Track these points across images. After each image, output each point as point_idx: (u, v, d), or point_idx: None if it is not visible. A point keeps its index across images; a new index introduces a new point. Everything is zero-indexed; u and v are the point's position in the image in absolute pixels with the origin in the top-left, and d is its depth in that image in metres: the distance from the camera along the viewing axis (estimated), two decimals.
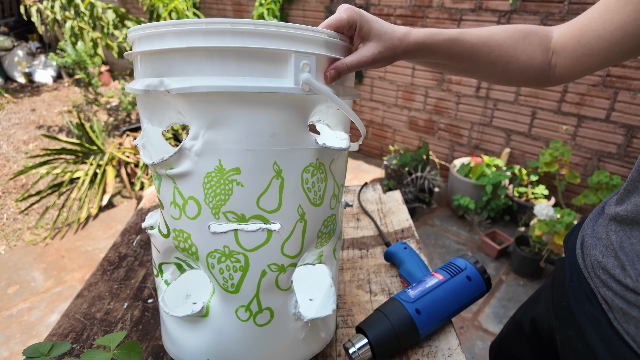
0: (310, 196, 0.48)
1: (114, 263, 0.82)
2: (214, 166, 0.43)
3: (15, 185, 2.77)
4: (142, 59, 0.45)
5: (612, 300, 0.44)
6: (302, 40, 0.42)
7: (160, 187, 0.48)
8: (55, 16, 2.44)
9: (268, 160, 0.44)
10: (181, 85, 0.40)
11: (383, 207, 1.00)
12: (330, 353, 0.62)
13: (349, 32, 0.47)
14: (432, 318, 0.58)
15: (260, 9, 2.84)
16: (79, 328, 0.67)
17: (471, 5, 2.20)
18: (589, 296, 0.48)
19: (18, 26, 5.24)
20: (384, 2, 2.53)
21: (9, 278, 1.99)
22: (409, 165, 2.41)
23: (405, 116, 2.76)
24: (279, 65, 0.41)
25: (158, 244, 0.53)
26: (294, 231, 0.48)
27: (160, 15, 2.50)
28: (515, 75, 0.54)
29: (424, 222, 2.38)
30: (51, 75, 4.87)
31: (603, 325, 0.45)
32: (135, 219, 0.97)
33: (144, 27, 0.43)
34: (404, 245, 0.75)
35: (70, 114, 3.87)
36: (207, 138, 0.43)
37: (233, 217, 0.45)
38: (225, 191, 0.44)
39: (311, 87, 0.42)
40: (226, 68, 0.40)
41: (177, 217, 0.47)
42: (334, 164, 0.51)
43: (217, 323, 0.49)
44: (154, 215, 0.57)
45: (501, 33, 0.53)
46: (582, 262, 0.51)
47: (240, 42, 0.39)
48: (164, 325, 0.55)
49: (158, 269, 0.55)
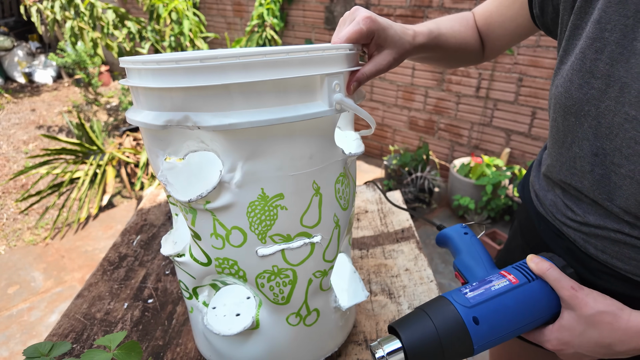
0: (342, 203, 0.51)
1: (114, 263, 0.82)
2: (257, 195, 0.43)
3: (15, 185, 2.77)
4: (152, 91, 0.41)
5: (574, 234, 0.53)
6: (331, 60, 0.42)
7: (196, 220, 0.47)
8: (55, 16, 2.44)
9: (308, 181, 0.45)
10: (217, 123, 0.38)
11: (383, 207, 1.00)
12: (331, 353, 0.62)
13: (366, 42, 0.48)
14: (494, 331, 0.43)
15: (260, 9, 2.84)
16: (79, 328, 0.67)
17: (471, 6, 2.20)
18: (557, 234, 0.55)
19: (18, 26, 5.24)
20: (383, 2, 2.53)
21: (9, 278, 1.99)
22: (409, 165, 2.41)
23: (405, 116, 2.76)
24: (313, 90, 0.42)
25: (193, 272, 0.52)
26: (332, 238, 0.51)
27: (160, 16, 2.50)
28: (466, 57, 0.64)
29: (423, 222, 2.38)
30: (51, 76, 4.87)
31: (575, 252, 0.53)
32: (135, 219, 0.97)
33: (160, 59, 0.38)
34: (465, 230, 0.58)
35: (70, 114, 3.87)
36: (247, 169, 0.42)
37: (279, 238, 0.46)
38: (271, 216, 0.45)
39: (342, 106, 0.43)
40: (262, 100, 0.39)
41: (221, 247, 0.47)
42: (351, 166, 0.54)
43: (269, 333, 0.52)
44: (170, 239, 0.55)
45: (455, 22, 0.62)
46: (543, 209, 0.58)
47: (275, 74, 0.38)
48: (208, 341, 0.56)
49: (192, 292, 0.55)
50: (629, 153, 0.42)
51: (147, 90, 0.41)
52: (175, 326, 0.67)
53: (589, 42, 0.43)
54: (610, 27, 0.41)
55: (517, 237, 0.70)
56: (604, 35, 0.42)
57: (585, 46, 0.44)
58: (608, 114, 0.43)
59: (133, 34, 2.62)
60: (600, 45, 0.42)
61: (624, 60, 0.40)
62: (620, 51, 0.41)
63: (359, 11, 0.47)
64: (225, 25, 3.57)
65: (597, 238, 0.49)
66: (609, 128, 0.43)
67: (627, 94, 0.40)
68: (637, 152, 0.41)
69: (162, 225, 0.94)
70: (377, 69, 0.48)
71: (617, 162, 0.43)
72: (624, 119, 0.41)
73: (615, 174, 0.44)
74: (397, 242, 0.87)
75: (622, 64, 0.41)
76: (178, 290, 0.75)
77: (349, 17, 0.48)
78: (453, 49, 0.60)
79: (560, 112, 0.48)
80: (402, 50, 0.50)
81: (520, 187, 0.69)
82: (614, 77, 0.42)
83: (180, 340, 0.65)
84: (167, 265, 0.81)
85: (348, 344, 0.63)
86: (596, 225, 0.48)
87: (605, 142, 0.44)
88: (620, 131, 0.42)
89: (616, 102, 0.41)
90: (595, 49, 0.43)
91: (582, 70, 0.44)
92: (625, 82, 0.40)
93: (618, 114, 0.42)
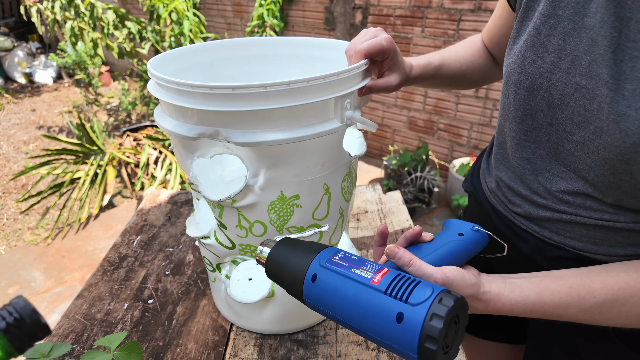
0: (346, 197, 0.59)
1: (114, 263, 0.83)
2: (277, 196, 0.51)
3: (15, 185, 2.77)
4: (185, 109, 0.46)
5: (527, 223, 0.56)
6: (345, 82, 0.47)
7: (223, 214, 0.55)
8: (55, 16, 2.44)
9: (320, 184, 0.53)
10: (245, 140, 0.44)
11: (383, 207, 1.00)
12: (331, 354, 0.62)
13: (381, 58, 0.53)
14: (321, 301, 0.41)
15: (260, 9, 2.84)
16: (79, 329, 0.67)
17: (470, 6, 2.20)
18: (510, 226, 0.59)
19: (18, 27, 5.24)
20: (383, 2, 2.53)
21: (9, 278, 1.99)
22: (409, 165, 2.41)
23: (405, 116, 2.76)
24: (327, 110, 0.47)
25: (217, 252, 0.60)
26: (337, 226, 0.59)
27: (161, 16, 2.50)
28: (478, 77, 0.70)
29: (423, 222, 2.38)
30: (51, 76, 4.87)
31: (530, 241, 0.56)
32: (135, 220, 0.97)
33: (195, 85, 0.42)
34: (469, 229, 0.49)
35: (70, 115, 3.87)
36: (269, 175, 0.49)
37: (294, 229, 0.55)
38: (288, 213, 0.53)
39: (352, 120, 0.48)
40: (283, 122, 0.45)
41: (244, 236, 0.55)
42: (354, 163, 0.61)
43: (282, 300, 0.61)
44: (194, 221, 0.63)
45: (461, 47, 0.68)
46: (495, 200, 0.62)
47: (295, 101, 0.43)
48: (230, 306, 0.66)
49: (215, 267, 0.64)
50: (579, 120, 0.45)
51: (179, 107, 0.46)
52: (175, 327, 0.67)
53: (543, 19, 0.47)
54: (563, 4, 0.45)
55: None
56: (557, 12, 0.45)
57: (540, 23, 0.47)
58: (559, 85, 0.46)
59: (133, 34, 2.62)
60: (554, 22, 0.46)
61: (575, 34, 0.44)
62: (572, 26, 0.44)
63: (382, 31, 0.53)
64: (226, 26, 3.57)
65: (550, 222, 0.52)
66: (560, 99, 0.46)
67: (578, 66, 0.44)
68: (586, 119, 0.44)
69: (162, 226, 0.94)
70: (386, 87, 0.55)
71: (569, 129, 0.46)
72: (575, 89, 0.44)
73: (568, 141, 0.47)
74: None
75: (574, 38, 0.44)
76: (178, 291, 0.75)
77: (372, 32, 0.53)
78: (460, 74, 0.67)
79: (512, 88, 0.52)
80: (405, 77, 0.58)
81: (469, 182, 0.71)
82: (565, 50, 0.45)
83: (180, 340, 0.65)
84: (167, 266, 0.81)
85: (348, 344, 0.64)
86: (546, 207, 0.52)
87: (557, 112, 0.47)
88: (571, 100, 0.45)
89: (567, 74, 0.45)
90: (549, 26, 0.46)
91: (535, 45, 0.48)
92: (576, 54, 0.44)
93: (569, 85, 0.45)
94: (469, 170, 0.72)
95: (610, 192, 0.45)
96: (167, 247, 0.87)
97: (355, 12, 2.68)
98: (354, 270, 0.40)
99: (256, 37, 0.68)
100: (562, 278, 0.44)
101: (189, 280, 0.78)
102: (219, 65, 0.67)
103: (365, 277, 0.39)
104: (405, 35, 2.51)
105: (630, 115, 0.39)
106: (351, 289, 0.39)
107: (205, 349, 0.63)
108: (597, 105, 0.42)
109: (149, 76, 0.49)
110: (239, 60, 0.69)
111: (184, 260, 0.83)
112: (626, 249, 0.47)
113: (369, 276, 0.39)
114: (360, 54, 0.50)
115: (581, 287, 0.43)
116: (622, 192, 0.44)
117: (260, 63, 0.69)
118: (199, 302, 0.73)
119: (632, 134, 0.39)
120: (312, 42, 0.67)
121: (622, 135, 0.40)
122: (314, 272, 0.41)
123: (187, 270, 0.80)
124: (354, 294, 0.38)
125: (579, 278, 0.44)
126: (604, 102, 0.41)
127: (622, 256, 0.48)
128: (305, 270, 0.42)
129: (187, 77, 0.63)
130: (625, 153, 0.41)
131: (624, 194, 0.44)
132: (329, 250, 0.43)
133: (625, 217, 0.46)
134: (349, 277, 0.39)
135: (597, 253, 0.49)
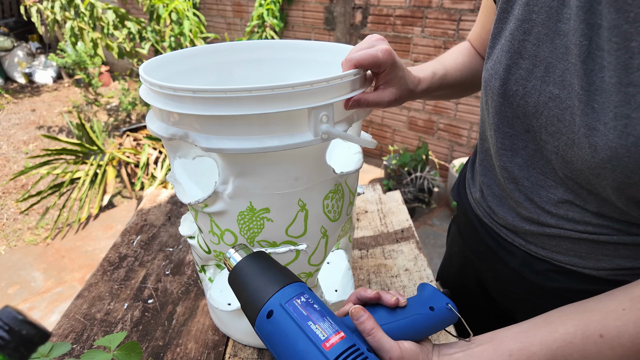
0: (330, 216, 0.54)
1: (114, 263, 0.83)
2: (246, 206, 0.49)
3: (15, 185, 2.77)
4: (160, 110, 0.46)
5: (513, 236, 0.55)
6: (320, 93, 0.42)
7: (197, 218, 0.54)
8: (55, 16, 2.44)
9: (293, 199, 0.49)
10: (208, 146, 0.42)
11: (383, 207, 1.00)
12: None
13: (376, 70, 0.48)
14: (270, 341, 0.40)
15: (260, 9, 2.84)
16: (79, 328, 0.67)
17: (470, 6, 2.20)
18: (496, 238, 0.58)
19: (18, 27, 5.24)
20: (383, 2, 2.53)
21: (9, 278, 1.99)
22: (409, 165, 2.41)
23: (405, 116, 2.76)
24: (299, 122, 0.43)
25: (199, 254, 0.59)
26: (318, 246, 0.55)
27: (161, 16, 2.50)
28: (478, 83, 0.64)
29: (423, 222, 2.38)
30: (51, 76, 4.87)
31: (516, 254, 0.55)
32: (135, 220, 0.97)
33: (162, 85, 0.42)
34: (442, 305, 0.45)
35: (70, 115, 3.87)
36: (237, 184, 0.47)
37: (266, 244, 0.52)
38: (258, 226, 0.50)
39: (329, 135, 0.44)
40: (248, 129, 0.42)
41: (217, 243, 0.53)
42: (348, 179, 0.56)
43: None
44: (189, 219, 0.63)
45: (457, 54, 0.65)
46: (480, 212, 0.60)
47: (260, 109, 0.40)
48: (213, 311, 0.66)
49: (201, 268, 0.63)
50: (552, 130, 0.43)
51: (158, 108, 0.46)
52: (175, 326, 0.67)
53: (517, 23, 0.45)
54: (537, 9, 0.43)
55: (455, 244, 0.71)
56: (531, 17, 0.44)
57: (514, 27, 0.46)
58: (534, 94, 0.44)
59: (133, 34, 2.62)
60: (528, 27, 0.44)
61: (549, 40, 0.42)
62: (545, 32, 0.42)
63: (383, 41, 0.49)
64: (225, 26, 3.57)
65: (535, 236, 0.51)
66: (535, 107, 0.45)
67: (552, 74, 0.42)
68: (559, 130, 0.42)
69: (162, 226, 0.94)
70: (378, 102, 0.49)
71: (544, 138, 0.45)
72: (549, 98, 0.43)
73: (545, 149, 0.46)
74: (397, 242, 0.87)
75: (547, 45, 0.42)
76: (178, 291, 0.75)
77: (371, 41, 0.48)
78: (461, 81, 0.63)
79: (490, 95, 0.50)
80: (406, 92, 0.52)
81: (456, 192, 0.69)
82: (539, 57, 0.43)
83: (180, 340, 0.65)
84: (167, 266, 0.81)
85: None
86: (530, 219, 0.51)
87: (532, 120, 0.46)
88: (545, 109, 0.44)
89: (542, 82, 0.43)
90: (523, 30, 0.45)
91: (510, 51, 0.46)
92: (550, 62, 0.42)
93: (543, 94, 0.43)
94: (456, 178, 0.70)
95: (590, 199, 0.44)
96: (167, 247, 0.87)
97: (355, 12, 2.68)
98: (311, 324, 0.38)
99: (276, 40, 0.66)
100: (503, 343, 0.41)
101: (189, 280, 0.78)
102: (236, 67, 0.66)
103: (318, 337, 0.37)
104: (405, 35, 2.51)
105: (599, 130, 0.37)
106: (301, 344, 0.37)
107: (205, 348, 0.63)
108: (569, 116, 0.41)
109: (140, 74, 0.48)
110: (257, 63, 0.67)
111: (184, 260, 0.83)
112: (613, 262, 0.46)
113: (323, 337, 0.37)
114: (350, 63, 0.45)
115: (520, 353, 0.40)
116: (602, 200, 0.43)
117: (281, 67, 0.67)
118: (198, 302, 0.73)
119: (600, 150, 0.37)
120: (333, 48, 0.63)
121: (592, 150, 0.38)
122: (271, 308, 0.39)
123: (187, 270, 0.80)
124: (302, 350, 0.37)
125: (518, 342, 0.41)
126: (575, 113, 0.40)
127: (609, 270, 0.47)
128: (264, 303, 0.40)
129: (202, 75, 0.63)
130: (595, 168, 0.39)
131: (604, 202, 0.43)
132: (294, 289, 0.41)
133: (608, 229, 0.44)
134: (302, 331, 0.38)
135: (585, 267, 0.48)
